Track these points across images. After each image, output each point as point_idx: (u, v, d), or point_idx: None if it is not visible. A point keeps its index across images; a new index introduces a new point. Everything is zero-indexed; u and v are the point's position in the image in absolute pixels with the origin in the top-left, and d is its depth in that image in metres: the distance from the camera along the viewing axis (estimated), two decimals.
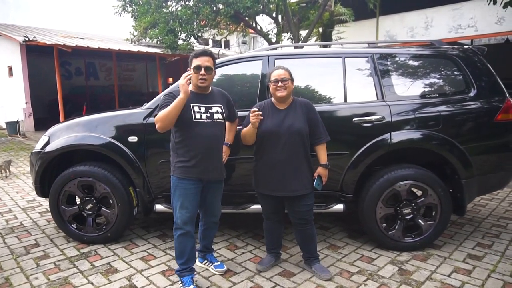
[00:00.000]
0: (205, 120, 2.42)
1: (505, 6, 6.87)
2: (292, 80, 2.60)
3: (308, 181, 2.60)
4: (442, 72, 3.15)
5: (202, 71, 2.39)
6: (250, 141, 2.63)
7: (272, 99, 2.67)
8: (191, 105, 2.40)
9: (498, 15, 12.20)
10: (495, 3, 6.76)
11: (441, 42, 3.33)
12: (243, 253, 3.11)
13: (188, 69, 2.45)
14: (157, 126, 2.36)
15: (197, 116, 2.40)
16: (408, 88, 3.11)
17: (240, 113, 2.86)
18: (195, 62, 2.40)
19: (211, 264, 2.78)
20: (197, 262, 2.81)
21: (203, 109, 2.43)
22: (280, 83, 2.53)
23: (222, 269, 2.74)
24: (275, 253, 2.88)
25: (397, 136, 2.96)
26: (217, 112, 2.48)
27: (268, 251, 2.88)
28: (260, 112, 2.49)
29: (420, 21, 14.04)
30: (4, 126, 11.63)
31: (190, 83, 2.39)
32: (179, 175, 2.42)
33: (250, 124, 2.53)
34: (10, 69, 12.32)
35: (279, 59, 3.17)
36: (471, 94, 3.05)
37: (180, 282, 2.49)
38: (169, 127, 2.39)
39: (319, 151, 2.65)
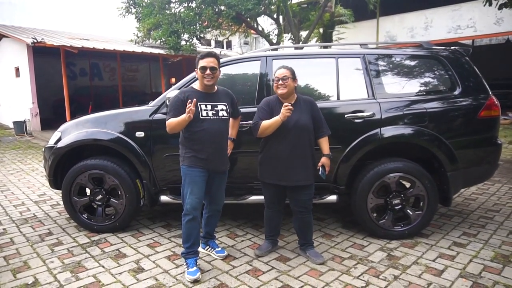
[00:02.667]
0: (211, 117, 2.67)
1: (500, 8, 7.06)
2: (294, 79, 2.80)
3: (310, 173, 2.82)
4: (430, 72, 3.36)
5: (208, 71, 2.65)
6: (269, 133, 2.76)
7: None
8: (198, 103, 2.63)
9: (497, 15, 12.35)
10: (490, 4, 6.94)
11: (429, 44, 3.53)
12: (242, 240, 3.32)
13: (195, 70, 2.73)
14: (167, 129, 2.65)
15: (204, 113, 2.65)
16: (397, 87, 3.31)
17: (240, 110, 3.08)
18: (201, 63, 2.66)
19: (212, 249, 3.00)
20: (200, 248, 3.02)
21: (209, 107, 2.68)
22: (280, 81, 2.75)
23: (223, 254, 2.96)
24: (273, 240, 3.09)
25: (386, 131, 3.16)
26: (222, 110, 2.72)
27: (267, 238, 3.09)
28: (292, 108, 2.64)
29: (420, 21, 14.22)
30: (12, 125, 11.91)
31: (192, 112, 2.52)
32: (188, 164, 2.67)
33: (278, 117, 2.65)
34: (17, 70, 12.61)
35: (276, 60, 3.38)
36: (456, 92, 3.25)
37: (185, 263, 2.72)
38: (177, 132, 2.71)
39: (322, 143, 2.90)
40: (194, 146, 2.66)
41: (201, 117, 2.63)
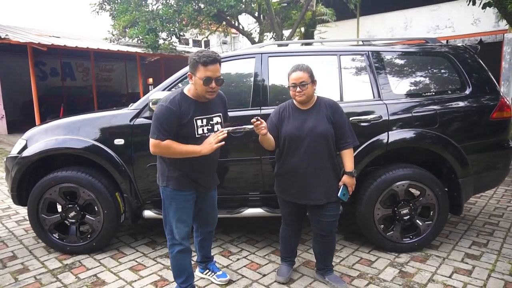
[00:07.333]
0: (206, 134, 2.20)
1: (484, 7, 7.02)
2: (313, 81, 2.39)
3: (333, 189, 2.40)
4: (438, 70, 3.12)
5: (213, 84, 2.09)
6: (269, 147, 2.42)
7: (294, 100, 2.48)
8: (194, 118, 2.16)
9: (474, 16, 12.56)
10: (474, 3, 6.89)
11: (435, 40, 3.30)
12: (238, 259, 2.97)
13: (189, 74, 2.13)
14: (152, 150, 2.11)
15: (200, 131, 2.18)
16: (404, 87, 3.05)
17: (231, 114, 2.68)
18: (205, 72, 2.05)
19: (213, 273, 2.62)
20: (198, 273, 2.67)
21: (204, 122, 2.21)
22: (298, 88, 2.32)
23: (225, 278, 2.58)
24: (291, 261, 2.70)
25: (395, 136, 2.90)
26: (217, 123, 2.27)
27: (283, 260, 2.69)
28: (259, 122, 2.21)
29: (400, 21, 14.29)
30: None
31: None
32: (174, 187, 2.20)
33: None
34: None
35: (273, 57, 3.06)
36: (467, 92, 3.02)
37: None
38: None
39: (345, 157, 2.41)
40: (182, 166, 2.19)
41: (196, 136, 2.17)
